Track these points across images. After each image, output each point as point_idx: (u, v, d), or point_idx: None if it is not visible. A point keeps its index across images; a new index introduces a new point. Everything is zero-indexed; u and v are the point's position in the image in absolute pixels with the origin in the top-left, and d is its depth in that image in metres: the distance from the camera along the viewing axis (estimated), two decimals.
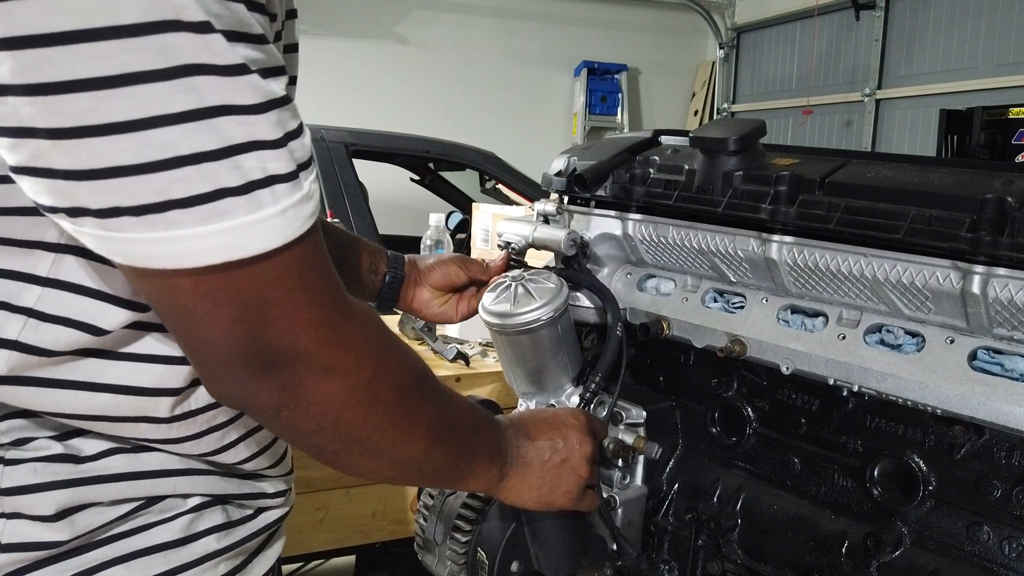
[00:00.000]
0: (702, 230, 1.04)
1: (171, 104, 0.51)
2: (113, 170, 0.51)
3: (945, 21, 5.07)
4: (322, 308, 0.61)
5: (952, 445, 0.87)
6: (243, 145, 0.53)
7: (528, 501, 0.89)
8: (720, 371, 1.10)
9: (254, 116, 0.54)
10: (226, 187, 0.53)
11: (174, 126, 0.51)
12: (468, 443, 0.80)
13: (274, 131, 0.55)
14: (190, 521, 0.72)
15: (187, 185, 0.52)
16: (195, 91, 0.51)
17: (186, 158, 0.52)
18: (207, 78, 0.51)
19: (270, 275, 0.57)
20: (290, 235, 0.57)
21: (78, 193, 0.52)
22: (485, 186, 3.88)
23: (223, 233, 0.54)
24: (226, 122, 0.53)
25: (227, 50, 0.52)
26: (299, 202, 0.57)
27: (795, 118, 6.17)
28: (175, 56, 0.50)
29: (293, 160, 0.57)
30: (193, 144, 0.52)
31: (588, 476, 0.91)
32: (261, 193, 0.55)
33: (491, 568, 0.99)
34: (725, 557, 1.07)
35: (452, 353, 1.89)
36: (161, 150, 0.51)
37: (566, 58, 6.73)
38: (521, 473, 0.87)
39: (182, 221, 0.53)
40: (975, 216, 0.80)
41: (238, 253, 0.55)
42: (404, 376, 0.70)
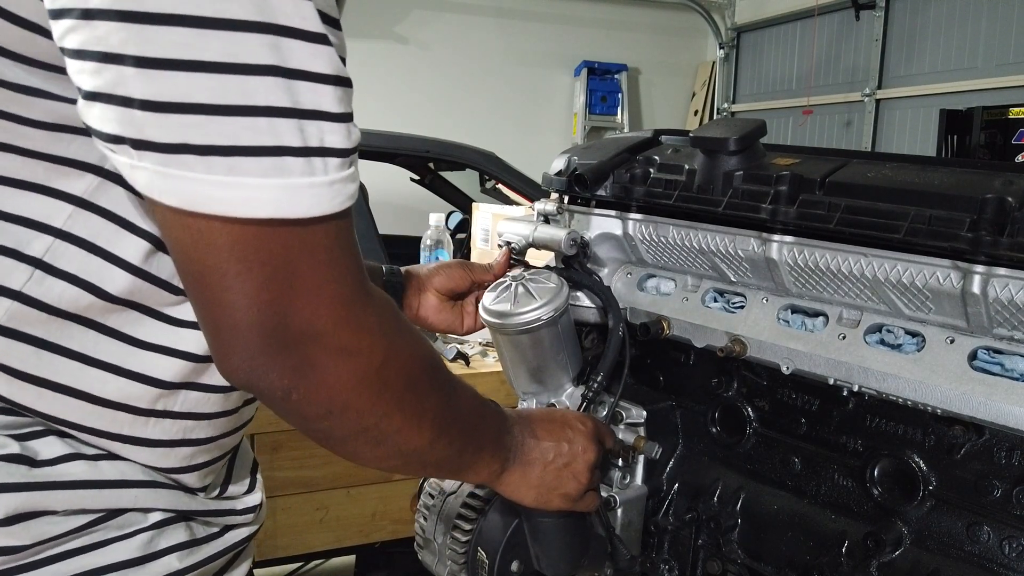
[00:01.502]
0: (702, 230, 1.04)
1: (259, 56, 0.53)
2: (190, 106, 0.52)
3: (945, 21, 5.07)
4: (345, 287, 0.62)
5: (952, 445, 0.87)
6: (310, 112, 0.56)
7: (525, 498, 0.89)
8: (720, 371, 1.10)
9: (325, 86, 0.56)
10: (289, 146, 0.55)
11: (257, 76, 0.53)
12: (473, 435, 0.80)
13: (339, 106, 0.58)
14: (150, 538, 0.70)
15: (256, 135, 0.54)
16: (280, 50, 0.53)
17: (261, 109, 0.54)
18: (294, 41, 0.54)
19: (305, 243, 0.58)
20: (333, 207, 0.58)
21: (149, 125, 0.53)
22: (485, 186, 3.87)
23: (276, 189, 0.55)
24: (300, 86, 0.55)
25: (316, 20, 0.55)
26: (346, 179, 0.59)
27: (795, 118, 6.17)
28: (270, 13, 0.53)
29: (349, 139, 0.59)
30: (269, 98, 0.54)
31: (588, 482, 0.91)
32: (316, 160, 0.56)
33: (491, 568, 0.99)
34: (725, 557, 1.07)
35: (452, 353, 1.89)
36: (240, 96, 0.53)
37: (566, 58, 6.73)
38: (522, 470, 0.87)
39: (243, 168, 0.54)
40: (975, 216, 0.80)
41: (284, 211, 0.56)
42: (415, 365, 0.70)
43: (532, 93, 6.73)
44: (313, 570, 2.68)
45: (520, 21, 6.52)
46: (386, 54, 6.15)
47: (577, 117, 6.79)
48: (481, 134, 4.96)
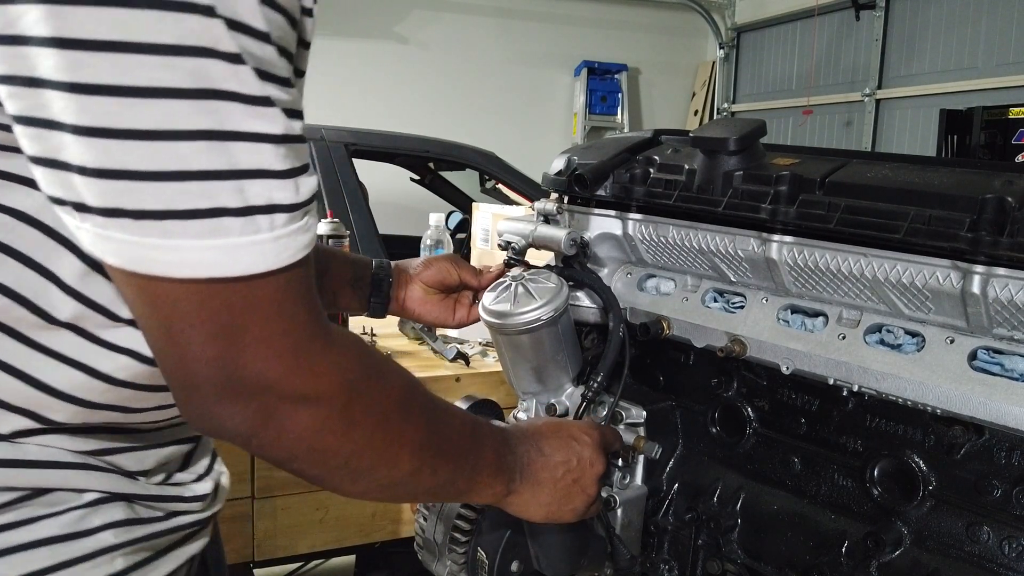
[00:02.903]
0: (702, 230, 1.04)
1: (192, 122, 0.53)
2: (123, 172, 0.53)
3: (945, 21, 5.07)
4: (296, 338, 0.62)
5: (952, 445, 0.87)
6: (252, 172, 0.56)
7: (535, 516, 0.88)
8: (720, 371, 1.10)
9: (267, 145, 0.56)
10: (225, 207, 0.55)
11: (189, 142, 0.53)
12: (465, 461, 0.78)
13: (283, 163, 0.58)
14: (83, 515, 0.69)
15: (190, 198, 0.54)
16: (217, 114, 0.54)
17: (194, 173, 0.54)
18: (231, 104, 0.54)
19: (249, 299, 0.58)
20: (279, 262, 0.58)
21: (86, 190, 0.53)
22: (485, 186, 3.88)
23: (213, 249, 0.56)
24: (240, 148, 0.55)
25: (254, 83, 0.55)
26: (295, 232, 0.59)
27: (795, 118, 6.17)
28: (205, 79, 0.53)
29: (297, 194, 0.59)
30: (203, 162, 0.54)
31: (596, 493, 0.91)
32: (260, 218, 0.57)
33: (491, 568, 0.99)
34: (725, 557, 1.07)
35: (452, 353, 1.89)
36: (172, 162, 0.54)
37: (566, 58, 6.73)
38: (532, 490, 0.86)
39: (177, 231, 0.55)
40: (975, 216, 0.80)
41: (224, 270, 0.56)
42: (385, 400, 0.69)
43: (532, 93, 6.74)
44: (313, 570, 2.68)
45: (520, 21, 6.52)
46: (386, 54, 6.15)
47: (577, 117, 6.80)
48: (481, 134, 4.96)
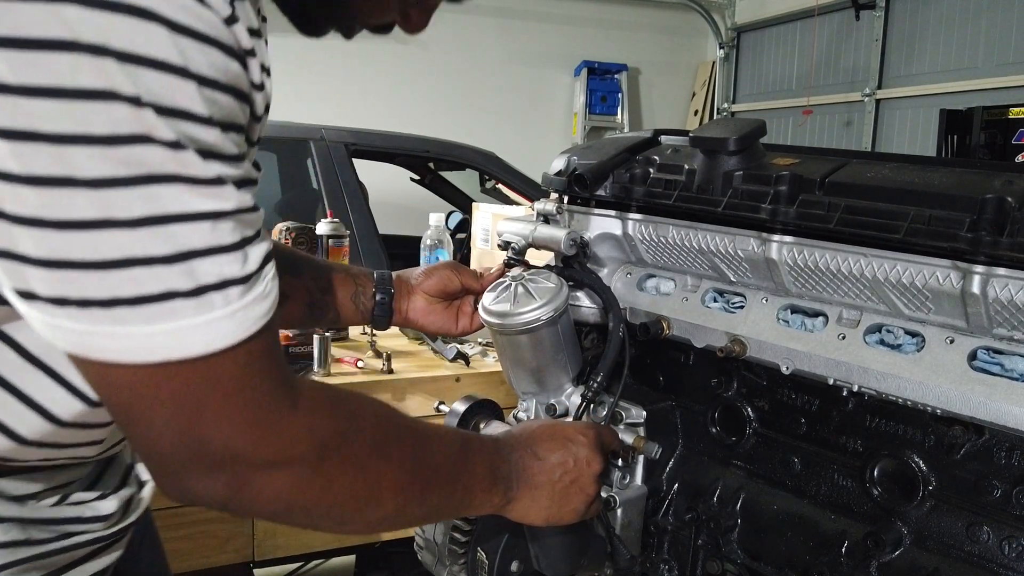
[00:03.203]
0: (702, 230, 1.04)
1: (129, 209, 0.52)
2: (65, 263, 0.52)
3: (945, 21, 5.07)
4: (260, 409, 0.61)
5: (952, 445, 0.87)
6: (200, 251, 0.55)
7: (536, 520, 0.88)
8: (720, 371, 1.10)
9: (216, 223, 0.55)
10: (175, 290, 0.55)
11: (129, 230, 0.52)
12: (455, 484, 0.78)
13: (234, 236, 0.57)
14: None
15: (136, 285, 0.54)
16: (158, 199, 0.53)
17: (138, 260, 0.53)
18: (173, 187, 0.53)
19: (208, 377, 0.58)
20: (236, 337, 0.58)
21: (32, 278, 0.53)
22: (485, 186, 3.88)
23: (166, 333, 0.55)
24: (186, 229, 0.54)
25: (198, 164, 0.54)
26: (251, 303, 0.58)
27: (795, 118, 6.17)
28: (141, 166, 0.52)
29: (249, 264, 0.58)
30: (147, 248, 0.53)
31: (595, 492, 0.91)
32: (213, 296, 0.56)
33: (491, 568, 0.99)
34: (725, 557, 1.07)
35: (452, 353, 1.89)
36: (114, 251, 0.53)
37: (566, 58, 6.73)
38: (530, 495, 0.86)
39: (127, 318, 0.54)
40: (975, 216, 0.80)
41: (178, 353, 0.56)
42: (358, 450, 0.69)
43: (532, 93, 6.73)
44: (313, 570, 2.68)
45: (520, 21, 6.51)
46: (386, 54, 6.14)
47: (577, 117, 6.80)
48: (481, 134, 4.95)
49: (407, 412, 1.80)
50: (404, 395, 1.78)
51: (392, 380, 1.78)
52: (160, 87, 0.51)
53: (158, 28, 0.50)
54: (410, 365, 1.86)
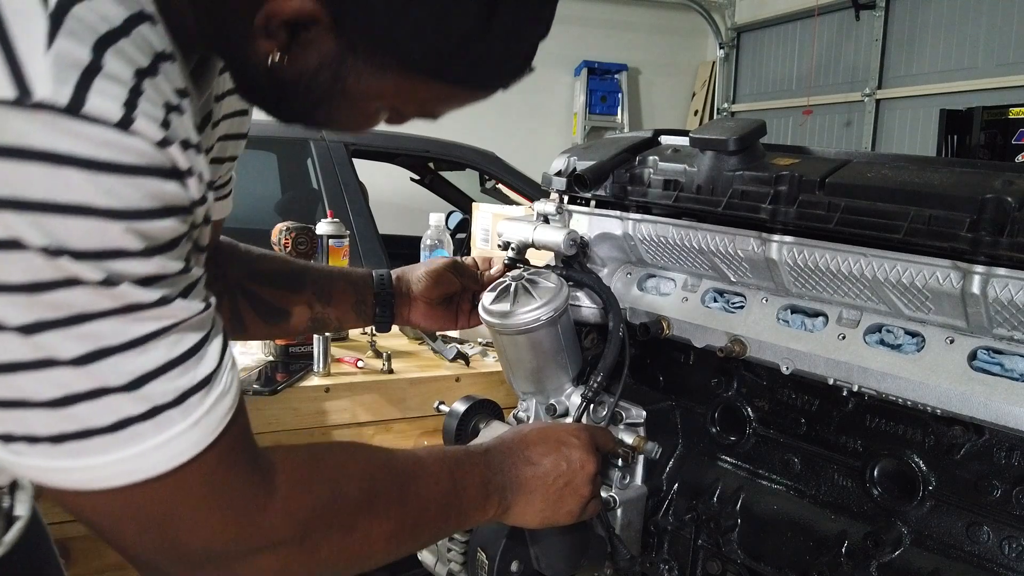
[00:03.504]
0: (702, 230, 1.04)
1: (67, 349, 0.51)
2: (11, 403, 0.52)
3: (945, 21, 5.07)
4: (236, 506, 0.61)
5: (952, 445, 0.87)
6: (150, 373, 0.54)
7: (532, 523, 0.89)
8: (720, 371, 1.10)
9: (161, 341, 0.54)
10: (130, 416, 0.53)
11: (70, 367, 0.51)
12: (447, 513, 0.79)
13: (183, 346, 0.56)
14: None
15: (84, 420, 0.52)
16: (93, 336, 0.51)
17: (84, 395, 0.52)
18: (107, 321, 0.52)
19: (177, 489, 0.57)
20: (202, 444, 0.57)
21: None
22: (485, 186, 3.87)
23: (125, 460, 0.54)
24: (129, 357, 0.53)
25: (134, 293, 0.52)
26: (213, 406, 0.58)
27: (795, 118, 6.17)
28: (70, 308, 0.50)
29: (206, 365, 0.57)
30: (92, 383, 0.52)
31: (590, 493, 0.91)
32: (171, 412, 0.55)
33: (491, 568, 0.99)
34: (725, 557, 1.07)
35: (452, 353, 1.89)
36: (57, 389, 0.51)
37: (566, 58, 6.73)
38: (525, 499, 0.87)
39: (79, 452, 0.53)
40: (975, 216, 0.80)
41: (143, 474, 0.55)
42: (343, 515, 0.69)
43: (532, 93, 6.72)
44: None
45: None
46: None
47: (577, 117, 6.79)
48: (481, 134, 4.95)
49: (407, 412, 1.80)
50: (404, 395, 1.78)
51: (392, 380, 1.78)
52: (79, 232, 0.49)
53: (74, 172, 0.48)
54: (410, 365, 1.86)
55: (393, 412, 1.78)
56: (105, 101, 0.48)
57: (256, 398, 1.61)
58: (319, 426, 1.72)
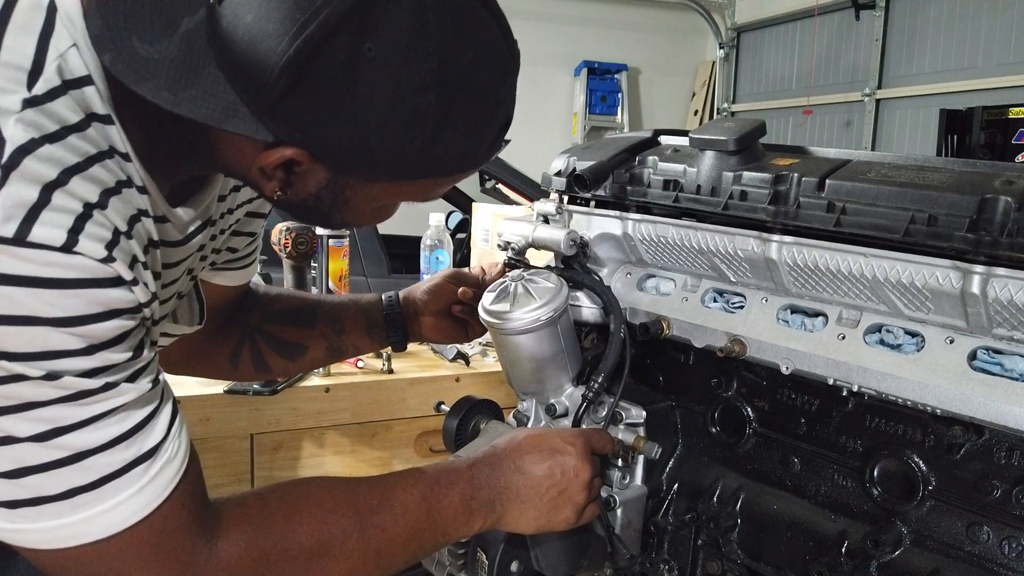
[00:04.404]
0: (702, 230, 1.04)
1: (19, 430, 0.58)
2: None
3: (945, 21, 5.07)
4: (179, 566, 0.66)
5: (952, 445, 0.87)
6: (95, 449, 0.61)
7: (527, 529, 0.90)
8: (720, 371, 1.10)
9: (107, 420, 0.61)
10: (76, 486, 0.60)
11: (23, 444, 0.59)
12: (420, 539, 0.81)
13: (129, 423, 0.62)
14: None
15: (36, 489, 0.59)
16: (42, 420, 0.59)
17: (35, 468, 0.59)
18: (53, 408, 0.59)
19: (123, 551, 0.63)
20: (148, 508, 0.63)
21: None
22: (485, 186, 3.87)
23: (73, 524, 0.61)
24: (75, 436, 0.60)
25: (78, 383, 0.59)
26: (158, 473, 0.64)
27: (795, 118, 6.17)
28: (19, 399, 0.58)
29: (152, 437, 0.64)
30: (41, 457, 0.59)
31: (587, 499, 0.92)
32: (117, 482, 0.62)
33: (491, 568, 0.99)
34: (725, 557, 1.07)
35: (452, 353, 1.89)
36: (10, 463, 0.59)
37: (566, 58, 6.73)
38: (517, 509, 0.88)
39: (31, 516, 0.60)
40: (975, 216, 0.80)
41: (91, 537, 0.62)
42: (294, 563, 0.72)
43: (532, 93, 6.72)
44: None
45: (520, 21, 6.45)
46: None
47: (577, 117, 6.79)
48: None
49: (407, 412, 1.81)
50: (404, 395, 1.78)
51: (392, 380, 1.78)
52: (22, 340, 0.56)
53: (19, 290, 0.55)
54: (410, 365, 1.86)
55: (393, 412, 1.78)
56: (49, 230, 0.56)
57: (256, 398, 1.61)
58: (319, 426, 1.72)
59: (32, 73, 0.58)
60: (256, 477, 1.69)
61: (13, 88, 0.57)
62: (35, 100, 0.57)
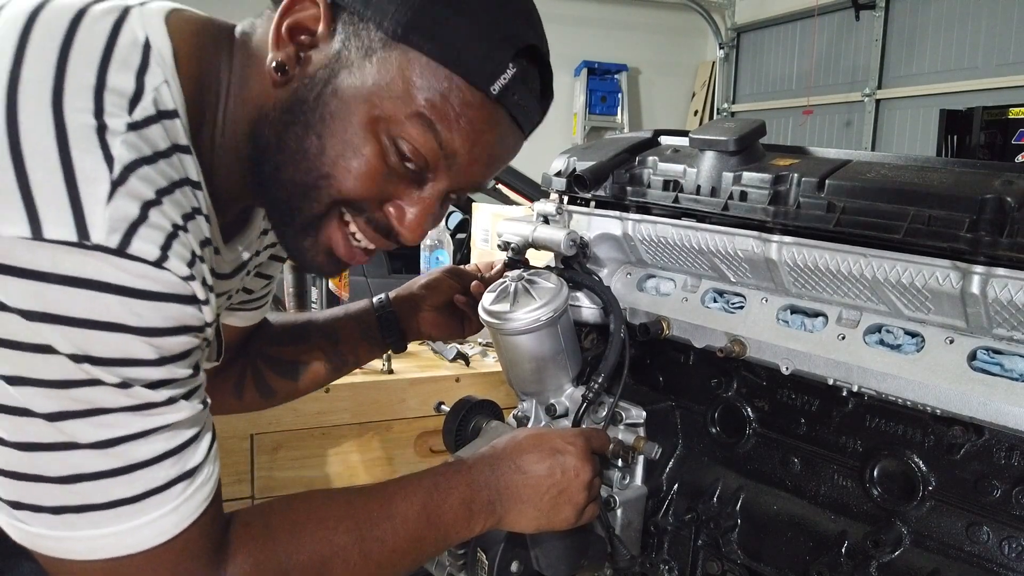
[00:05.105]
0: (702, 230, 1.04)
1: (84, 435, 0.61)
2: (22, 475, 0.61)
3: (945, 21, 5.07)
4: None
5: (952, 445, 0.87)
6: (146, 462, 0.64)
7: (527, 529, 0.90)
8: (720, 371, 1.10)
9: (162, 434, 0.64)
10: (121, 498, 0.63)
11: (83, 451, 0.61)
12: (421, 545, 0.81)
13: (179, 439, 0.66)
14: None
15: (84, 496, 0.62)
16: (108, 426, 0.61)
17: (88, 475, 0.62)
18: (121, 415, 0.62)
19: (146, 568, 0.65)
20: (177, 529, 0.66)
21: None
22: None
23: (108, 536, 0.63)
24: (133, 446, 0.63)
25: (146, 394, 0.62)
26: (193, 494, 0.67)
27: (795, 118, 6.17)
28: (91, 403, 0.61)
29: (195, 458, 0.67)
30: (98, 465, 0.62)
31: (586, 500, 0.92)
32: (156, 498, 0.64)
33: (491, 568, 0.99)
34: (725, 557, 1.07)
35: (452, 353, 1.89)
36: (68, 468, 0.61)
37: (566, 58, 6.73)
38: (517, 508, 0.88)
39: (75, 523, 0.62)
40: (975, 216, 0.80)
41: (120, 551, 0.64)
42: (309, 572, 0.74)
43: None
44: None
45: None
46: None
47: (577, 117, 6.79)
48: None
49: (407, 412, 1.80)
50: (404, 395, 1.78)
51: (392, 380, 1.78)
52: (104, 344, 0.59)
53: (113, 298, 0.59)
54: (410, 365, 1.86)
55: (393, 412, 1.78)
56: (146, 245, 0.60)
57: None
58: (319, 426, 1.72)
59: (132, 100, 0.63)
60: (256, 477, 1.69)
61: (118, 112, 0.61)
62: (136, 125, 0.62)
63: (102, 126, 0.60)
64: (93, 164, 0.59)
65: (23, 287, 0.57)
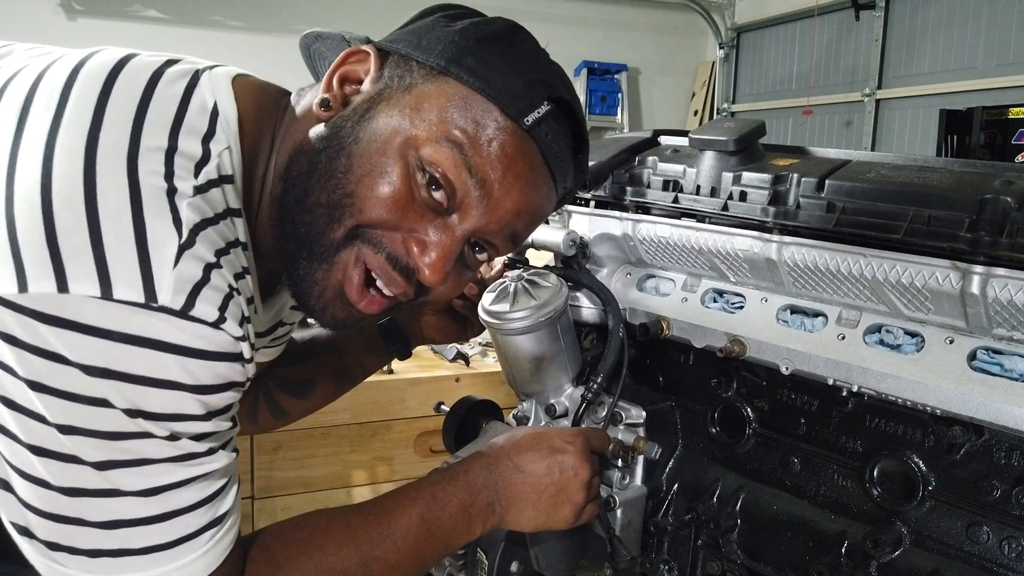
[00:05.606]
0: (701, 230, 1.04)
1: (130, 483, 0.63)
2: (64, 518, 0.63)
3: (945, 21, 5.07)
4: None
5: (952, 445, 0.87)
6: (184, 509, 0.66)
7: (526, 528, 0.90)
8: (720, 371, 1.10)
9: (199, 483, 0.66)
10: (157, 544, 0.65)
11: (126, 498, 0.63)
12: (422, 554, 0.82)
13: (213, 487, 0.68)
14: None
15: (123, 541, 0.64)
16: (152, 476, 0.63)
17: (129, 522, 0.63)
18: (165, 466, 0.64)
19: None
20: (204, 573, 0.67)
21: (32, 523, 0.64)
22: None
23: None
24: (174, 494, 0.65)
25: (191, 446, 0.65)
26: (219, 541, 0.69)
27: (795, 118, 6.16)
28: (139, 454, 0.63)
29: (224, 504, 0.69)
30: (138, 512, 0.64)
31: (585, 499, 0.92)
32: (189, 544, 0.66)
33: (490, 568, 0.99)
34: (725, 557, 1.07)
35: (452, 353, 1.90)
36: (109, 515, 0.63)
37: (566, 58, 6.69)
38: (516, 507, 0.88)
39: (110, 567, 0.64)
40: (974, 216, 0.80)
41: None
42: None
43: None
44: None
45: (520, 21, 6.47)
46: None
47: None
48: None
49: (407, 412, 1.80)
50: (404, 395, 1.78)
51: (392, 380, 1.78)
52: (159, 400, 0.61)
53: (170, 357, 0.61)
54: (410, 365, 1.86)
55: (393, 412, 1.79)
56: (206, 306, 0.62)
57: None
58: (319, 426, 1.72)
59: (199, 164, 0.66)
60: (256, 477, 1.69)
61: (186, 176, 0.64)
62: (200, 188, 0.65)
63: (172, 189, 0.62)
64: (163, 227, 0.61)
65: (89, 344, 0.59)
